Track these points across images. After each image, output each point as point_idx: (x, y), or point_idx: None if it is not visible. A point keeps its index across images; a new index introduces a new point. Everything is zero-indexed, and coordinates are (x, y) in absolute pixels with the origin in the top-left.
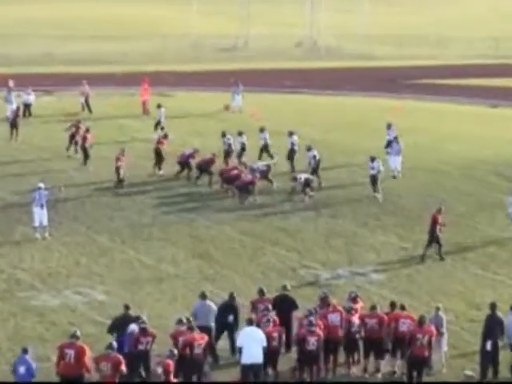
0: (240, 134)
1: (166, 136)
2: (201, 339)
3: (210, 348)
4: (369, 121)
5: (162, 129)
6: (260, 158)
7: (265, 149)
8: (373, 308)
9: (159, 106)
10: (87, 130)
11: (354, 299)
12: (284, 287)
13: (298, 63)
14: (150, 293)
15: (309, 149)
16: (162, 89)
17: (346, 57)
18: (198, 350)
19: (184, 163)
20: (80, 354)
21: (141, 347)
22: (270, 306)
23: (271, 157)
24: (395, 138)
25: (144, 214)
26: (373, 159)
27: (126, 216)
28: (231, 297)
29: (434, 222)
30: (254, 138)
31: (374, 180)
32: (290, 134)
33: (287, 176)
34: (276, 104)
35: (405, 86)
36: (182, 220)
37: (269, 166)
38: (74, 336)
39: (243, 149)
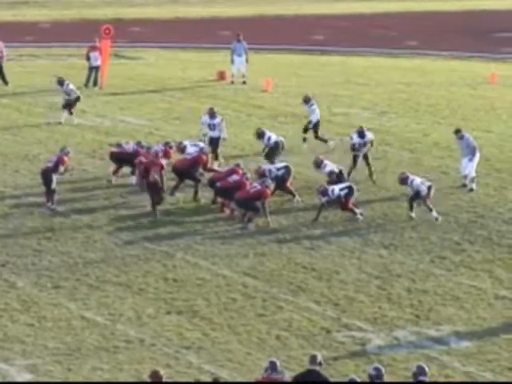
0: (211, 114)
1: None
2: None
3: None
4: (446, 97)
5: None
6: None
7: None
8: None
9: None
10: None
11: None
12: (312, 360)
13: (332, 5)
14: (97, 369)
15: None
16: (120, 47)
17: None
18: None
19: (123, 161)
20: None
21: None
22: None
23: None
24: (457, 130)
25: (91, 244)
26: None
27: (61, 248)
28: None
29: None
30: (268, 126)
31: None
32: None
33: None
34: (301, 70)
35: (503, 40)
36: (152, 254)
37: (288, 169)
38: None
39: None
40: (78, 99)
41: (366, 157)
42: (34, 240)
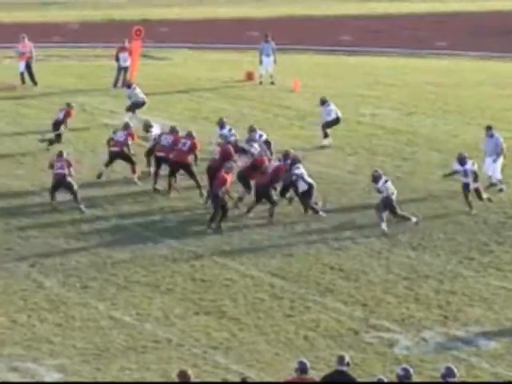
0: (221, 125)
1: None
2: None
3: None
4: (475, 97)
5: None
6: None
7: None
8: None
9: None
10: None
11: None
12: (340, 360)
13: (360, 5)
14: (125, 368)
15: None
16: (149, 47)
17: None
18: None
19: (123, 157)
20: None
21: None
22: None
23: None
24: (489, 127)
25: (118, 243)
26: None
27: (89, 248)
28: None
29: None
30: (293, 128)
31: (385, 205)
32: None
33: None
34: (329, 71)
35: None
36: (179, 254)
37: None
38: None
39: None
40: (143, 104)
41: (477, 190)
42: (62, 240)
